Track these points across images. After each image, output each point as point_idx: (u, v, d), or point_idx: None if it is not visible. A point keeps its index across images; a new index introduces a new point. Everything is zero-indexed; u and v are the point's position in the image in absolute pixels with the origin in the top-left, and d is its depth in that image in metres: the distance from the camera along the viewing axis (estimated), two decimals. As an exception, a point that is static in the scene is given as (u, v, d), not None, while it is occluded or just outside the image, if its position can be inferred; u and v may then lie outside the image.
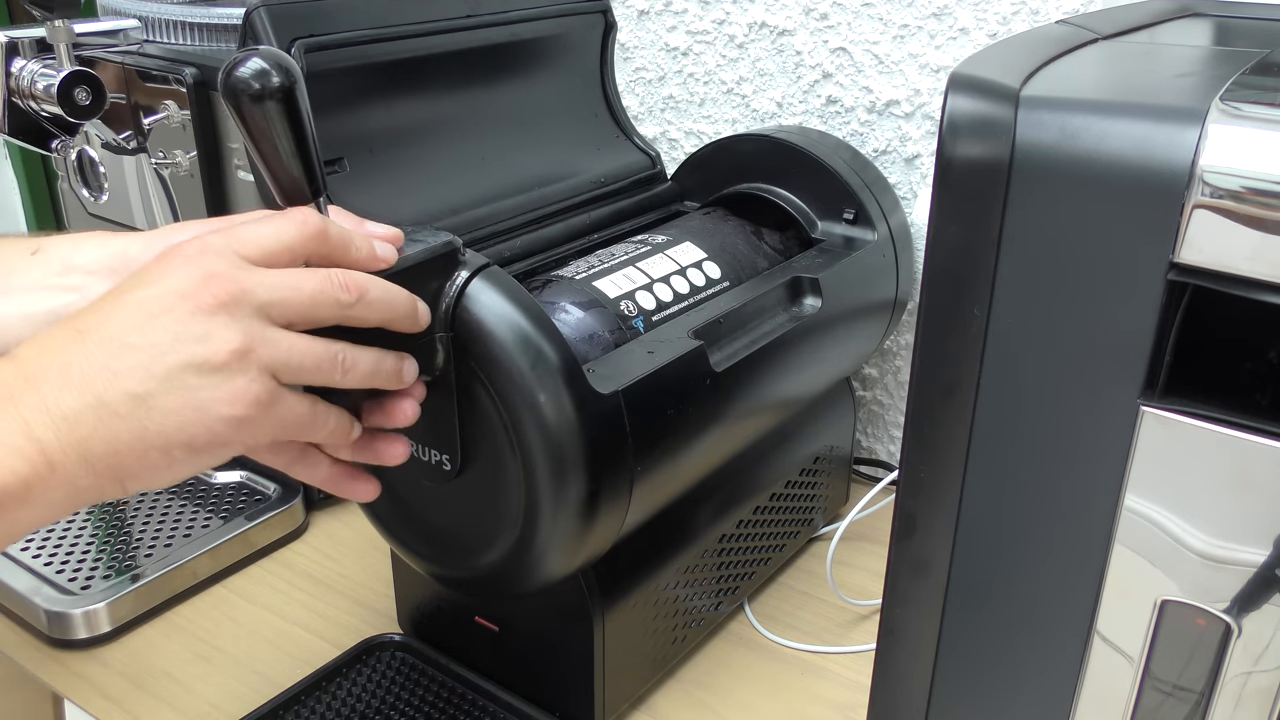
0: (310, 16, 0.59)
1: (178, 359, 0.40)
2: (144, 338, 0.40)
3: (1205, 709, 0.38)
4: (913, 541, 0.43)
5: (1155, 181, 0.34)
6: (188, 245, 0.42)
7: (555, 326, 0.53)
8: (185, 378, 0.40)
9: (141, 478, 0.41)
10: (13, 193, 1.80)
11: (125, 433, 0.39)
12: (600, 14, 0.76)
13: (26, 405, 0.38)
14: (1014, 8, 0.77)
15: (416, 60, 0.65)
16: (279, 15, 0.58)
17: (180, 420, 0.40)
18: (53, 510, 0.39)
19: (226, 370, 0.41)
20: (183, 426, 0.40)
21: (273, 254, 0.43)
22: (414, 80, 0.65)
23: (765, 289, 0.68)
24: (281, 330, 0.42)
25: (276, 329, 0.42)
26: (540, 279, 0.64)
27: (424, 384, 0.51)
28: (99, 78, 0.72)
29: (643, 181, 0.79)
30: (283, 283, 0.43)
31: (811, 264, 0.72)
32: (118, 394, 0.39)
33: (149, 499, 0.85)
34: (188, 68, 0.73)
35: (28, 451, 0.38)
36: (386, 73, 0.64)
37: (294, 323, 0.43)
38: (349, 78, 0.62)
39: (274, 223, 0.44)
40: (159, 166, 0.77)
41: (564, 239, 0.70)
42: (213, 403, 0.40)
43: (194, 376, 0.40)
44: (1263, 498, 0.35)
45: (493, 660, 0.67)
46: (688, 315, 0.64)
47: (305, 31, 0.58)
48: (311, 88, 0.46)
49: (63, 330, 0.41)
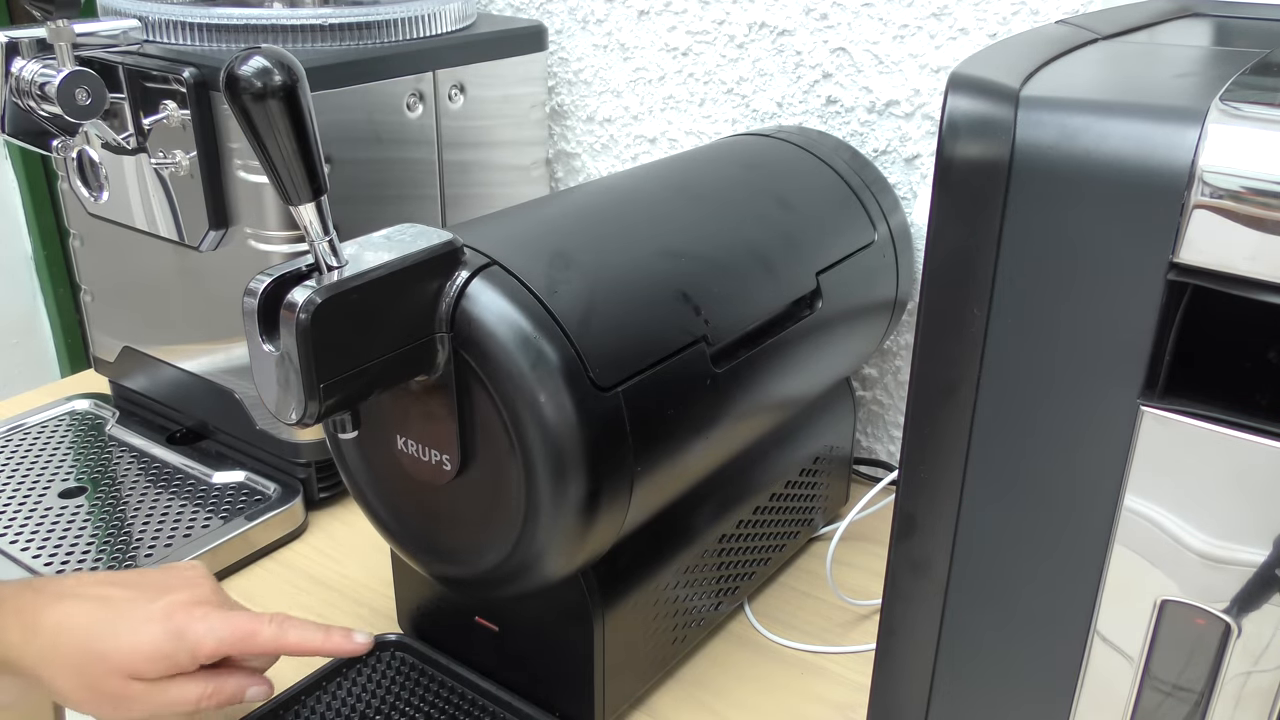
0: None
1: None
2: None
3: (1205, 709, 0.38)
4: (913, 541, 0.43)
5: (1155, 181, 0.34)
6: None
7: (555, 326, 0.53)
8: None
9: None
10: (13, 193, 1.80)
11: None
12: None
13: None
14: (1014, 8, 0.77)
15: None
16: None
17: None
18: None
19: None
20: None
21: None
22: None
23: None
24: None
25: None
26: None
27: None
28: (99, 78, 0.72)
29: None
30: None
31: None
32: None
33: (149, 499, 0.85)
34: (188, 68, 0.73)
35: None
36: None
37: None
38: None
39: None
40: (159, 166, 0.77)
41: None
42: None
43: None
44: (1263, 498, 0.35)
45: (493, 660, 0.67)
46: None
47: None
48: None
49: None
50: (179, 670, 0.55)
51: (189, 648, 0.55)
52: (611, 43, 0.99)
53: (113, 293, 0.94)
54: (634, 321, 0.58)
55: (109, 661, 0.53)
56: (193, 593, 0.57)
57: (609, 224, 0.64)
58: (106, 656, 0.53)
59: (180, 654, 0.55)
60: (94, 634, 0.54)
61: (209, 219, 0.78)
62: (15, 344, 1.85)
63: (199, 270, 0.83)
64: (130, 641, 0.54)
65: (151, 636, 0.54)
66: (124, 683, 0.54)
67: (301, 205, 0.49)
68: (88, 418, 0.98)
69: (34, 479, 0.88)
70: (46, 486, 0.87)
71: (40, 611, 0.55)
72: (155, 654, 0.54)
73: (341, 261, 0.50)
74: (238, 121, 0.46)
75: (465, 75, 0.87)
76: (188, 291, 0.85)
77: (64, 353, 1.90)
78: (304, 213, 0.49)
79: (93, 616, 0.55)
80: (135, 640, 0.54)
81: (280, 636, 0.58)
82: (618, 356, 0.55)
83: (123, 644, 0.54)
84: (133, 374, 0.96)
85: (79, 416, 0.99)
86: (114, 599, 0.56)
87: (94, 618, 0.54)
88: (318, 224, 0.49)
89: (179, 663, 0.55)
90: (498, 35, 0.90)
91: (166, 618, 0.55)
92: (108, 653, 0.54)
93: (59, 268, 1.84)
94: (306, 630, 0.59)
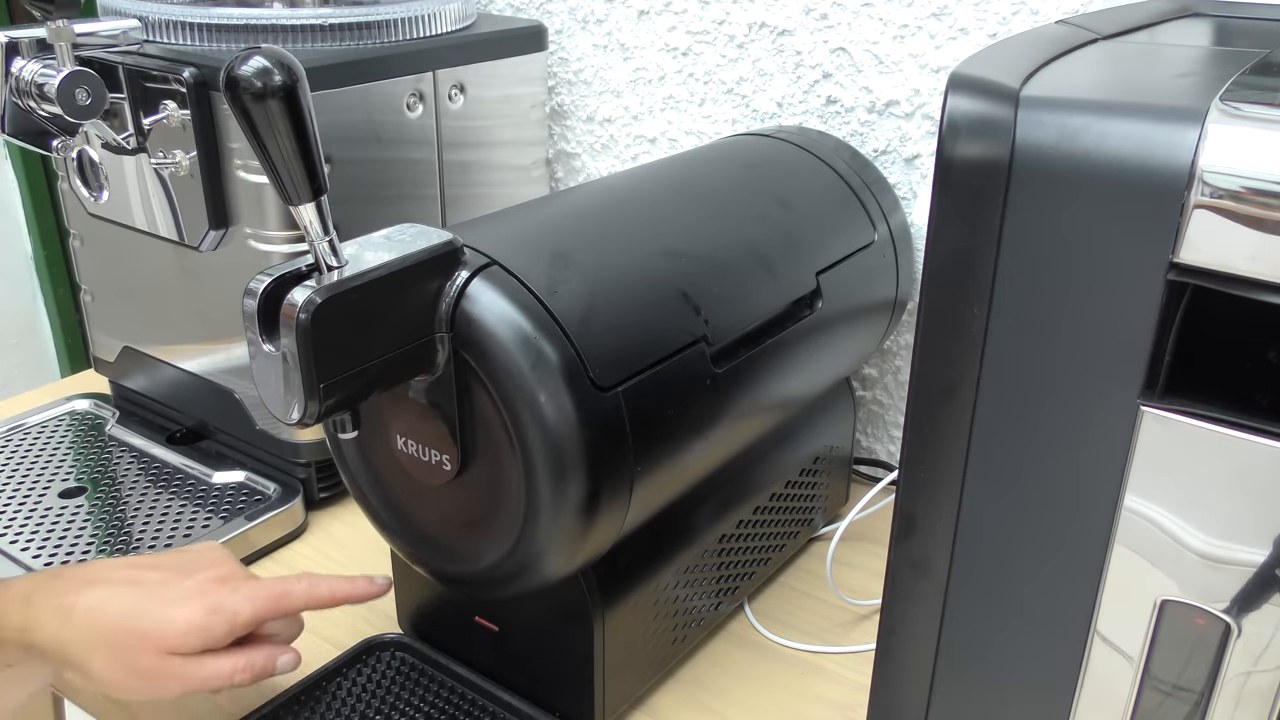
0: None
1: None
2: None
3: (1205, 709, 0.38)
4: (913, 541, 0.43)
5: (1155, 181, 0.34)
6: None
7: (555, 326, 0.53)
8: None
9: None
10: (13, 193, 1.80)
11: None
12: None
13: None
14: (1014, 8, 0.77)
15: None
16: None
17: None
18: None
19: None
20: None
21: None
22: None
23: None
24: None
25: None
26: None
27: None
28: (99, 78, 0.72)
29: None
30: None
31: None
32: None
33: (149, 499, 0.85)
34: (188, 68, 0.73)
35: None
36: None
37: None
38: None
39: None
40: (159, 166, 0.77)
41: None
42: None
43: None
44: (1263, 498, 0.35)
45: (493, 660, 0.67)
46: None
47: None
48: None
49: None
50: (216, 644, 0.56)
51: (226, 619, 0.57)
52: (611, 43, 0.99)
53: (113, 293, 0.94)
54: (634, 321, 0.58)
55: (148, 638, 0.55)
56: (220, 569, 0.59)
57: (609, 224, 0.64)
58: (146, 634, 0.55)
59: (218, 626, 0.56)
60: (131, 613, 0.56)
61: (209, 219, 0.78)
62: (15, 344, 1.85)
63: (199, 270, 0.83)
64: (168, 616, 0.56)
65: (189, 611, 0.56)
66: (162, 659, 0.55)
67: (301, 205, 0.49)
68: (88, 418, 0.98)
69: (34, 479, 0.88)
70: (46, 486, 0.87)
71: (73, 596, 0.56)
72: (193, 627, 0.56)
73: (341, 261, 0.50)
74: (238, 121, 0.46)
75: (465, 75, 0.87)
76: (188, 291, 0.85)
77: (64, 353, 1.90)
78: (304, 213, 0.49)
79: (128, 597, 0.56)
80: (173, 615, 0.56)
81: (311, 590, 0.60)
82: (618, 356, 0.55)
83: (161, 620, 0.55)
84: (133, 374, 0.96)
85: (79, 416, 0.99)
86: (146, 580, 0.57)
87: (130, 598, 0.56)
88: (318, 224, 0.49)
89: (217, 635, 0.56)
90: (498, 35, 0.90)
91: (201, 593, 0.57)
92: (147, 630, 0.55)
93: (59, 268, 1.84)
94: (334, 583, 0.62)
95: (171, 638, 0.55)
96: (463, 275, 0.53)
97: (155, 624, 0.55)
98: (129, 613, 0.56)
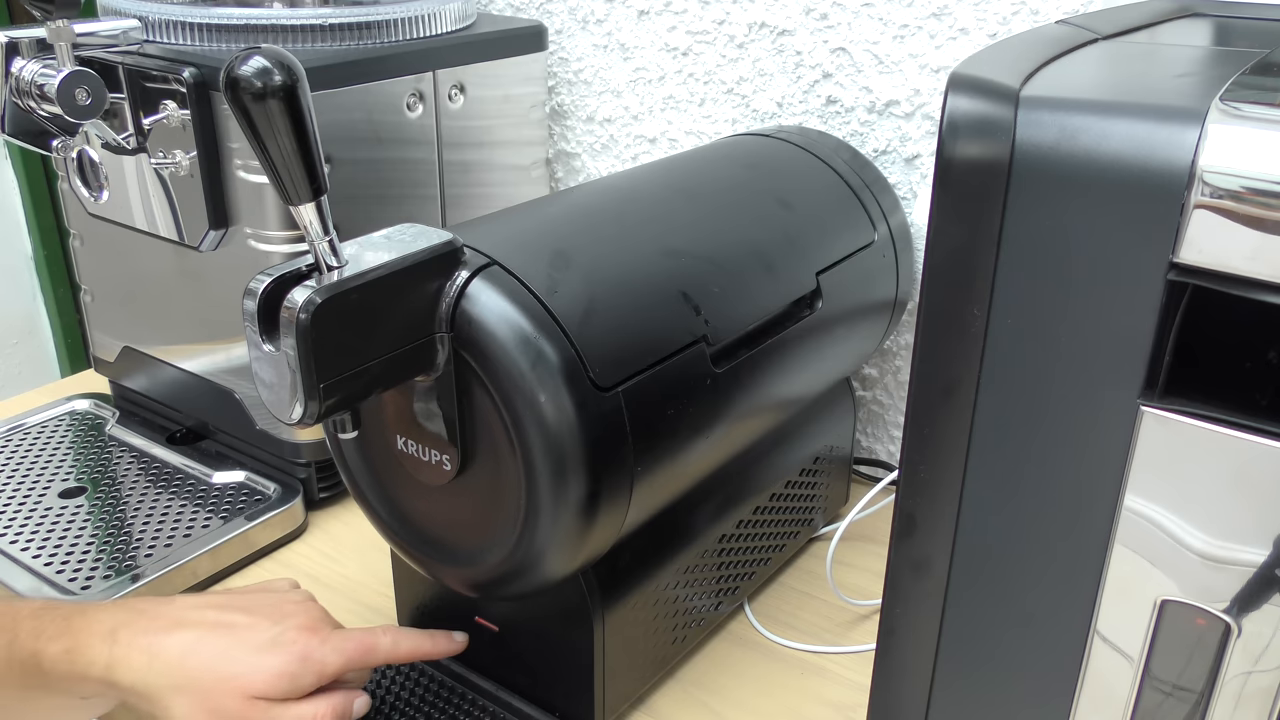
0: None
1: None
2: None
3: (1205, 709, 0.38)
4: (913, 541, 0.43)
5: (1155, 181, 0.34)
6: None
7: (555, 326, 0.53)
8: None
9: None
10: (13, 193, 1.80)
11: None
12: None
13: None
14: (1014, 8, 0.77)
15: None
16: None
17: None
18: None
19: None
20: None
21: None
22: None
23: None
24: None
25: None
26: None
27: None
28: (99, 78, 0.72)
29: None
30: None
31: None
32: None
33: (149, 499, 0.85)
34: (188, 68, 0.73)
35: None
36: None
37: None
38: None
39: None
40: (159, 166, 0.77)
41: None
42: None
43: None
44: (1263, 498, 0.35)
45: (493, 660, 0.67)
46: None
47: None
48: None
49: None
50: (300, 693, 0.57)
51: (315, 669, 0.58)
52: (611, 43, 0.99)
53: (113, 293, 0.94)
54: (634, 321, 0.58)
55: (236, 683, 0.56)
56: (307, 616, 0.60)
57: (609, 224, 0.64)
58: (235, 678, 0.56)
59: (306, 675, 0.57)
60: (223, 658, 0.56)
61: (209, 219, 0.78)
62: (15, 344, 1.85)
63: (199, 270, 0.83)
64: (257, 663, 0.56)
65: (279, 660, 0.57)
66: (247, 704, 0.56)
67: (301, 205, 0.49)
68: (88, 418, 0.99)
69: (34, 479, 0.88)
70: (46, 486, 0.87)
71: (161, 637, 0.57)
72: (283, 674, 0.56)
73: (341, 261, 0.50)
74: (238, 121, 0.46)
75: (465, 75, 0.87)
76: (188, 291, 0.85)
77: (64, 353, 1.90)
78: (304, 213, 0.49)
79: (220, 641, 0.57)
80: (262, 663, 0.56)
81: (395, 647, 0.62)
82: (618, 356, 0.55)
83: (250, 666, 0.56)
84: (133, 374, 0.96)
85: (79, 416, 0.99)
86: (234, 624, 0.58)
87: (221, 643, 0.57)
88: (318, 224, 0.49)
89: (303, 685, 0.57)
90: (498, 35, 0.90)
91: (291, 642, 0.58)
92: (237, 674, 0.56)
93: (59, 268, 1.84)
94: (417, 639, 0.64)
95: (259, 684, 0.56)
96: (463, 275, 0.53)
97: (244, 669, 0.56)
98: (218, 657, 0.56)
